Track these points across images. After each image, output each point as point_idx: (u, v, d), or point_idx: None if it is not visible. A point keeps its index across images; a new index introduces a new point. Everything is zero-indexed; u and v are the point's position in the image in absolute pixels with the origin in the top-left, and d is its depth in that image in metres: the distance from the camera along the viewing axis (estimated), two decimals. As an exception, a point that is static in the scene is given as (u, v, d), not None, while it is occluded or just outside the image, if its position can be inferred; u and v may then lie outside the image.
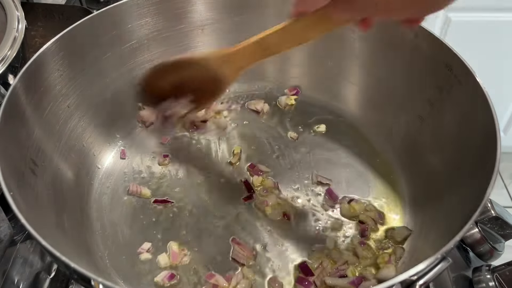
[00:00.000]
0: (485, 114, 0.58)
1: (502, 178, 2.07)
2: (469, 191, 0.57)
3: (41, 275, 0.62)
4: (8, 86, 0.60)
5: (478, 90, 0.60)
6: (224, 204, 0.72)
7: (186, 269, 0.65)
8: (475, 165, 0.59)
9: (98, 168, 0.77)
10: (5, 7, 0.74)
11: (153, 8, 0.78)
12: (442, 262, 0.47)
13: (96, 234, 0.69)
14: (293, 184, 0.75)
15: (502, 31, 1.57)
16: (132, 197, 0.73)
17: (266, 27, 0.86)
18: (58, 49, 0.68)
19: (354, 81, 0.84)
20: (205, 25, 0.84)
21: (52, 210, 0.63)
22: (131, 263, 0.66)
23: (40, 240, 0.47)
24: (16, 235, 0.64)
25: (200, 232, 0.69)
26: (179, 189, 0.75)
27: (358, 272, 0.63)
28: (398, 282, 0.44)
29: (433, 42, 0.68)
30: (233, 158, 0.78)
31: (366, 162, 0.78)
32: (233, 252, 0.66)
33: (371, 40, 0.78)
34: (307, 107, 0.87)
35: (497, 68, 1.65)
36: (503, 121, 1.89)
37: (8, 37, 0.69)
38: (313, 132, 0.83)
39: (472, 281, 0.64)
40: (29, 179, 0.60)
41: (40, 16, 0.95)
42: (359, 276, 0.62)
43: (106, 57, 0.76)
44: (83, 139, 0.75)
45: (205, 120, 0.84)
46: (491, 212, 0.66)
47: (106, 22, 0.74)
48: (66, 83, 0.71)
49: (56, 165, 0.68)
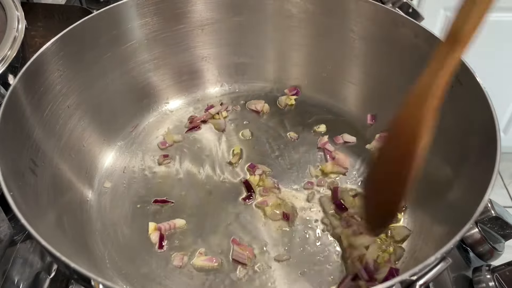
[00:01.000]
0: (485, 114, 0.58)
1: (502, 178, 2.07)
2: (469, 191, 0.57)
3: (41, 275, 0.62)
4: (8, 86, 0.60)
5: (478, 90, 0.60)
6: (224, 204, 0.72)
7: (186, 268, 0.65)
8: (475, 165, 0.59)
9: (98, 168, 0.77)
10: (5, 7, 0.74)
11: (153, 8, 0.78)
12: (442, 262, 0.47)
13: (96, 234, 0.69)
14: (293, 184, 0.75)
15: (502, 31, 1.57)
16: (132, 197, 0.73)
17: (266, 27, 0.87)
18: (58, 49, 0.67)
19: (354, 81, 0.84)
20: (205, 25, 0.84)
21: (52, 210, 0.63)
22: (131, 263, 0.66)
23: (40, 240, 0.47)
24: (16, 235, 0.64)
25: (200, 233, 0.69)
26: (179, 189, 0.74)
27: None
28: (398, 282, 0.44)
29: (433, 42, 0.68)
30: (233, 158, 0.78)
31: (366, 162, 0.78)
32: (233, 252, 0.66)
33: (371, 40, 0.78)
34: (307, 107, 0.87)
35: (497, 68, 1.65)
36: (503, 121, 1.89)
37: (8, 37, 0.69)
38: (313, 132, 0.83)
39: (472, 281, 0.64)
40: (29, 179, 0.60)
41: (40, 16, 0.95)
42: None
43: (106, 57, 0.76)
44: (83, 139, 0.75)
45: (204, 121, 0.84)
46: (491, 212, 0.66)
47: (106, 22, 0.74)
48: (66, 83, 0.71)
49: (56, 165, 0.68)
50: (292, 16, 0.82)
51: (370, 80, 0.82)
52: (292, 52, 0.88)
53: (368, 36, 0.78)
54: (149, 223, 0.69)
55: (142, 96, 0.85)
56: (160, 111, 0.86)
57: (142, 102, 0.85)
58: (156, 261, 0.66)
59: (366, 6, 0.75)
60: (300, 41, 0.85)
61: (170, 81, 0.87)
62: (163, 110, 0.87)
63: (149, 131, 0.84)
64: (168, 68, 0.85)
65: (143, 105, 0.85)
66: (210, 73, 0.89)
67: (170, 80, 0.87)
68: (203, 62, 0.88)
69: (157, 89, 0.86)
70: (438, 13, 1.61)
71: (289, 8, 0.82)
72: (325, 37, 0.82)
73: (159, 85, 0.86)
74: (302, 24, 0.83)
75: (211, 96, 0.89)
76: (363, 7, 0.75)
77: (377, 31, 0.76)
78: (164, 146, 0.81)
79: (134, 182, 0.76)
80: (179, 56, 0.85)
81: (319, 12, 0.81)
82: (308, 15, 0.82)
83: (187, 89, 0.89)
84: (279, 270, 0.65)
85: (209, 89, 0.90)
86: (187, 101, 0.88)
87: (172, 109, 0.87)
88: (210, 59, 0.88)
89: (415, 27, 0.71)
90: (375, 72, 0.81)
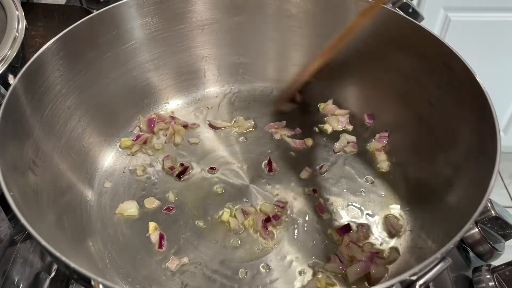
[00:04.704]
0: (485, 114, 0.58)
1: (502, 178, 2.07)
2: (469, 191, 0.57)
3: (41, 275, 0.62)
4: (8, 86, 0.60)
5: (478, 90, 0.60)
6: (224, 205, 0.72)
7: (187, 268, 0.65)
8: (475, 165, 0.59)
9: (98, 168, 0.77)
10: (5, 7, 0.74)
11: (153, 8, 0.78)
12: (442, 262, 0.47)
13: (96, 234, 0.69)
14: (293, 183, 0.75)
15: (502, 31, 1.58)
16: (132, 197, 0.73)
17: (266, 27, 0.87)
18: (58, 49, 0.68)
19: (354, 81, 0.84)
20: (205, 25, 0.84)
21: (52, 210, 0.63)
22: (131, 263, 0.66)
23: (40, 240, 0.47)
24: (16, 235, 0.64)
25: (201, 233, 0.69)
26: (180, 190, 0.74)
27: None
28: (398, 282, 0.44)
29: (433, 42, 0.68)
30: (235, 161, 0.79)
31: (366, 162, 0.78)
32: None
33: (371, 40, 0.78)
34: (307, 107, 0.87)
35: (497, 68, 1.65)
36: (503, 121, 1.89)
37: (8, 37, 0.69)
38: (313, 132, 0.83)
39: (472, 281, 0.64)
40: (29, 179, 0.60)
41: (40, 16, 0.95)
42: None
43: (106, 57, 0.76)
44: (83, 139, 0.75)
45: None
46: (491, 212, 0.66)
47: (106, 22, 0.74)
48: (66, 83, 0.71)
49: (56, 165, 0.68)
50: (292, 16, 0.83)
51: (370, 80, 0.82)
52: (292, 52, 0.88)
53: (368, 36, 0.78)
54: (149, 223, 0.69)
55: (142, 96, 0.85)
56: (160, 111, 0.86)
57: (142, 102, 0.85)
58: (156, 261, 0.66)
59: (366, 6, 0.75)
60: (300, 41, 0.85)
61: (170, 81, 0.87)
62: (163, 110, 0.87)
63: (149, 131, 0.83)
64: (168, 68, 0.85)
65: (143, 105, 0.85)
66: (210, 73, 0.89)
67: (170, 80, 0.87)
68: (203, 62, 0.88)
69: (157, 89, 0.86)
70: (438, 13, 1.61)
71: (289, 8, 0.82)
72: (325, 37, 0.82)
73: (159, 85, 0.86)
74: (302, 24, 0.83)
75: (211, 96, 0.89)
76: (363, 7, 0.75)
77: (377, 31, 0.76)
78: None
79: (134, 182, 0.76)
80: (179, 56, 0.85)
81: (319, 12, 0.81)
82: (308, 15, 0.82)
83: (187, 89, 0.89)
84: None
85: (209, 89, 0.90)
86: (187, 101, 0.88)
87: (172, 109, 0.87)
88: (210, 59, 0.88)
89: (415, 27, 0.71)
90: (375, 72, 0.81)
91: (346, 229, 0.67)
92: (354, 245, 0.65)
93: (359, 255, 0.64)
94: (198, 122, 0.85)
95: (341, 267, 0.63)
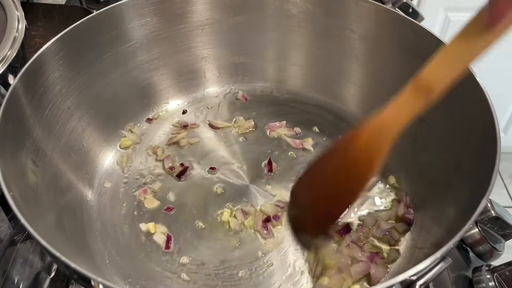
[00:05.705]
0: (485, 114, 0.58)
1: (502, 178, 2.07)
2: (469, 191, 0.57)
3: (41, 275, 0.62)
4: (8, 86, 0.60)
5: (478, 90, 0.60)
6: (225, 205, 0.72)
7: (186, 268, 0.65)
8: (475, 165, 0.59)
9: (98, 168, 0.77)
10: (5, 7, 0.74)
11: (153, 8, 0.78)
12: (442, 262, 0.47)
13: (96, 234, 0.69)
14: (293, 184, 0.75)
15: (502, 31, 1.57)
16: (132, 196, 0.73)
17: (266, 27, 0.86)
18: (58, 49, 0.68)
19: (354, 81, 0.84)
20: (205, 25, 0.84)
21: (52, 210, 0.63)
22: (131, 263, 0.66)
23: (40, 240, 0.47)
24: (16, 235, 0.64)
25: (201, 233, 0.69)
26: (180, 190, 0.74)
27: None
28: (398, 282, 0.44)
29: (433, 42, 0.68)
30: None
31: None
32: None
33: (371, 40, 0.78)
34: (307, 107, 0.87)
35: (497, 68, 1.65)
36: (503, 121, 1.89)
37: (8, 37, 0.69)
38: (313, 132, 0.83)
39: (472, 281, 0.64)
40: (29, 179, 0.60)
41: (40, 16, 0.95)
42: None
43: (106, 57, 0.76)
44: (83, 139, 0.75)
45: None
46: (491, 212, 0.66)
47: (106, 22, 0.74)
48: (66, 83, 0.71)
49: (56, 165, 0.68)
50: (292, 16, 0.83)
51: (370, 80, 0.82)
52: (292, 52, 0.88)
53: (368, 36, 0.78)
54: (150, 223, 0.69)
55: (142, 96, 0.85)
56: (160, 111, 0.86)
57: (142, 102, 0.85)
58: (156, 261, 0.66)
59: (366, 6, 0.75)
60: (300, 41, 0.85)
61: (170, 81, 0.87)
62: (163, 110, 0.87)
63: (149, 131, 0.83)
64: (168, 68, 0.85)
65: (143, 105, 0.85)
66: (210, 73, 0.89)
67: (170, 80, 0.87)
68: (203, 62, 0.88)
69: (157, 89, 0.86)
70: (438, 13, 1.61)
71: (289, 8, 0.82)
72: (325, 37, 0.82)
73: (159, 85, 0.86)
74: (302, 24, 0.83)
75: (211, 96, 0.89)
76: (363, 7, 0.76)
77: (377, 31, 0.76)
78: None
79: (134, 182, 0.76)
80: (179, 56, 0.85)
81: (319, 12, 0.81)
82: (308, 15, 0.82)
83: (187, 89, 0.89)
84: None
85: (209, 89, 0.90)
86: (187, 101, 0.88)
87: (172, 109, 0.87)
88: (210, 59, 0.88)
89: (415, 27, 0.71)
90: (375, 72, 0.81)
91: (346, 229, 0.67)
92: (354, 245, 0.65)
93: (359, 255, 0.64)
94: (198, 122, 0.85)
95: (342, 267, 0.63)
